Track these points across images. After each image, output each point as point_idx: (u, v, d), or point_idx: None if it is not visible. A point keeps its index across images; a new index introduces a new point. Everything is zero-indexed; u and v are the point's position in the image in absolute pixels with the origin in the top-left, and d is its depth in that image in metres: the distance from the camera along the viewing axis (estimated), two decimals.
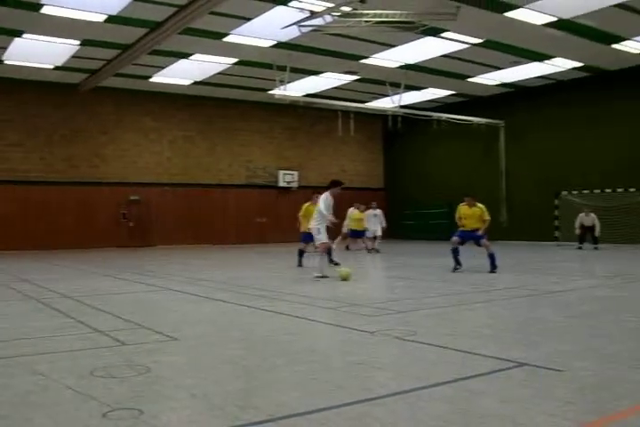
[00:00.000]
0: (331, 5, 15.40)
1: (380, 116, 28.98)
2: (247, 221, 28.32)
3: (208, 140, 27.79)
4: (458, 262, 13.15)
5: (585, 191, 22.74)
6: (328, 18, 15.88)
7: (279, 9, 16.04)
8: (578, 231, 20.97)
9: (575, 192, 23.30)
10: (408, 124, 25.87)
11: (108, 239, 24.92)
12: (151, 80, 23.86)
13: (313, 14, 15.90)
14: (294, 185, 29.29)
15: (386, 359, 5.12)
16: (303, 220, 14.90)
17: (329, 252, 13.44)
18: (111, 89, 24.76)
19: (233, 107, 28.14)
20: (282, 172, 29.16)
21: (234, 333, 6.38)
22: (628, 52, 20.49)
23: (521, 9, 16.24)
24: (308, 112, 28.99)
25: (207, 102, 27.44)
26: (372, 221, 20.73)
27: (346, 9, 15.54)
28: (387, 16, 15.45)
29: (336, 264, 13.82)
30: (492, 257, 12.78)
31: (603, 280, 11.60)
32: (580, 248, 20.75)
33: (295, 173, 29.44)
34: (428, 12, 15.68)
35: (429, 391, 4.08)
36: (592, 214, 20.73)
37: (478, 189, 26.60)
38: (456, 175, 28.29)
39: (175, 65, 21.70)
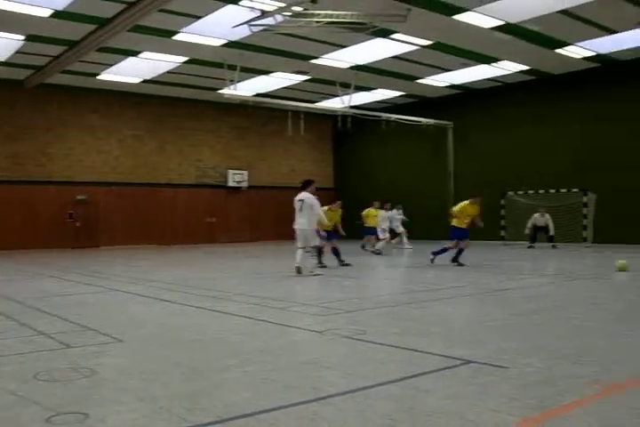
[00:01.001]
0: (282, 5, 15.37)
1: (330, 116, 29.07)
2: (196, 221, 28.06)
3: (157, 139, 27.43)
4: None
5: (530, 192, 23.23)
6: (279, 17, 15.85)
7: (230, 8, 15.93)
8: (528, 231, 21.44)
9: (521, 192, 23.77)
10: (358, 124, 26.00)
11: (54, 240, 24.35)
12: (99, 78, 23.43)
13: (264, 14, 15.84)
14: (244, 185, 29.16)
15: (335, 359, 5.14)
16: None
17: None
18: (58, 86, 24.21)
19: (183, 106, 27.85)
20: (231, 171, 28.98)
21: (182, 334, 6.32)
22: (572, 57, 21.02)
23: (469, 12, 16.48)
24: (258, 112, 28.89)
25: (157, 101, 27.08)
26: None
27: (297, 9, 15.54)
28: (337, 17, 15.49)
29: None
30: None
31: (548, 278, 11.88)
32: (531, 247, 21.21)
33: (245, 172, 29.30)
34: (379, 14, 15.78)
35: (378, 390, 4.12)
36: (547, 215, 21.23)
37: (426, 190, 27.02)
38: (405, 176, 28.57)
39: (124, 63, 21.35)
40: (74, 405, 3.85)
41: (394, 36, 18.50)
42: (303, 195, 12.65)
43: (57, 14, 16.22)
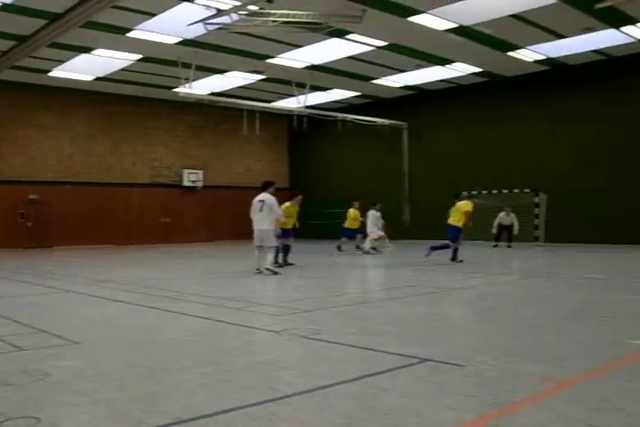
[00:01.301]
0: (237, 4, 15.32)
1: (286, 115, 29.06)
2: (151, 221, 27.74)
3: (111, 137, 27.01)
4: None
5: (484, 192, 23.57)
6: (235, 16, 15.78)
7: (185, 5, 15.80)
8: (495, 230, 21.70)
9: (475, 192, 24.09)
10: (313, 124, 26.05)
11: (5, 240, 23.74)
12: (51, 74, 22.96)
13: (219, 12, 15.75)
14: (199, 184, 28.94)
15: (292, 359, 5.15)
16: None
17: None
18: (7, 82, 23.64)
19: (137, 104, 27.49)
20: (187, 171, 28.72)
21: (138, 335, 6.25)
22: (523, 60, 21.45)
23: (424, 14, 16.67)
24: (213, 111, 28.70)
25: (110, 99, 26.65)
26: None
27: (253, 8, 15.49)
28: (293, 16, 15.49)
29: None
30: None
31: (502, 277, 12.08)
32: (495, 246, 21.50)
33: (200, 172, 29.08)
34: (334, 14, 15.84)
35: (335, 389, 4.14)
36: (512, 214, 21.49)
37: (382, 190, 27.19)
38: (360, 176, 28.72)
39: (76, 59, 20.96)
40: (26, 409, 3.77)
41: (349, 36, 18.59)
42: (263, 195, 12.78)
43: (5, 8, 15.85)
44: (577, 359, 4.91)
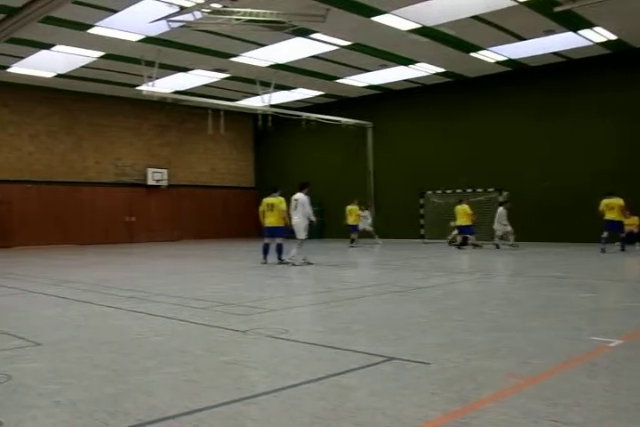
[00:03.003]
0: (201, 1, 15.21)
1: (251, 114, 28.99)
2: (115, 221, 27.42)
3: (73, 135, 26.62)
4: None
5: (448, 191, 23.78)
6: (198, 14, 15.67)
7: (147, 2, 15.63)
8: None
9: (439, 192, 24.33)
10: (278, 123, 26.02)
11: None
12: (9, 70, 22.51)
13: (182, 9, 15.64)
14: (164, 183, 28.70)
15: (258, 358, 5.13)
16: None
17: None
18: None
19: (100, 102, 27.13)
20: (151, 170, 28.46)
21: (102, 336, 6.18)
22: (485, 61, 21.71)
23: (387, 14, 16.76)
24: (177, 109, 28.50)
25: (72, 96, 26.26)
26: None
27: (216, 6, 15.40)
28: (257, 15, 15.45)
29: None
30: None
31: (465, 276, 12.21)
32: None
33: (164, 171, 28.84)
34: (298, 13, 15.84)
35: (302, 389, 4.14)
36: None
37: (347, 189, 27.27)
38: (325, 175, 28.76)
39: (36, 55, 20.58)
40: None
41: (313, 35, 18.61)
42: (298, 195, 14.54)
43: None
44: (540, 356, 4.99)
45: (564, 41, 19.32)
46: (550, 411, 3.57)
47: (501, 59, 21.46)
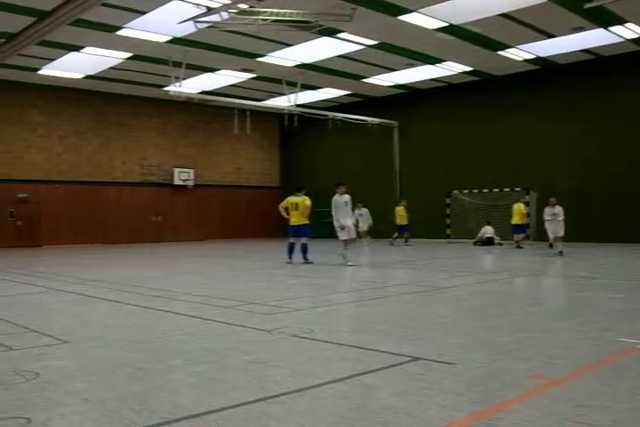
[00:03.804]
0: (227, 2, 15.29)
1: (277, 114, 29.05)
2: (142, 220, 27.67)
3: (101, 136, 26.92)
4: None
5: (475, 190, 23.64)
6: (225, 15, 15.75)
7: (175, 4, 15.75)
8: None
9: (466, 191, 24.19)
10: (304, 123, 26.06)
11: None
12: (40, 72, 22.83)
13: (209, 10, 15.72)
14: (190, 183, 28.89)
15: (283, 357, 5.14)
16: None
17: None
18: None
19: (127, 102, 27.40)
20: (177, 170, 28.68)
21: (128, 334, 6.23)
22: (513, 59, 21.52)
23: (414, 13, 16.69)
24: (203, 110, 28.66)
25: (100, 97, 26.57)
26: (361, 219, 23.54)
27: (243, 6, 15.46)
28: (283, 15, 15.48)
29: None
30: None
31: (491, 276, 12.11)
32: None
33: (191, 170, 29.03)
34: (325, 13, 15.85)
35: (326, 388, 4.14)
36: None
37: (373, 188, 27.23)
38: (351, 174, 28.66)
39: (66, 57, 20.87)
40: (15, 409, 3.75)
41: (340, 35, 18.60)
42: (347, 196, 14.81)
43: None
44: (566, 357, 4.93)
45: (594, 38, 19.06)
46: (576, 413, 3.52)
47: (529, 57, 21.25)
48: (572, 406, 3.64)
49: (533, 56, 21.18)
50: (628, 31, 18.44)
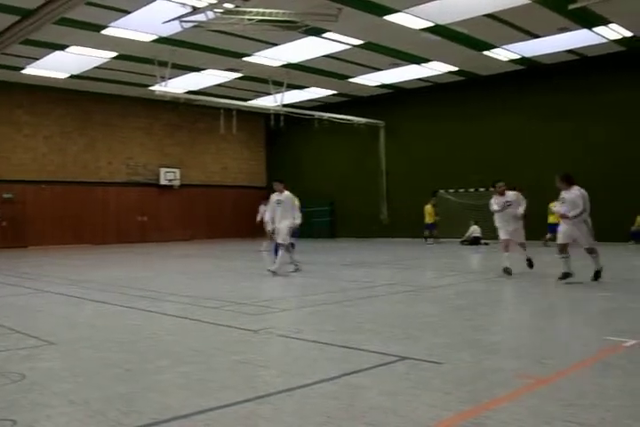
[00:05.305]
0: (213, 1, 15.24)
1: (263, 114, 29.02)
2: (128, 220, 27.52)
3: (86, 136, 26.74)
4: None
5: (461, 190, 23.72)
6: (210, 14, 15.69)
7: (160, 3, 15.66)
8: None
9: (452, 190, 24.26)
10: (290, 122, 26.02)
11: None
12: (24, 72, 22.64)
13: (195, 10, 15.67)
14: (176, 183, 28.77)
15: (270, 357, 5.15)
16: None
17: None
18: None
19: (112, 102, 27.23)
20: (163, 169, 28.54)
21: (115, 335, 6.20)
22: (498, 59, 21.61)
23: (400, 13, 16.70)
24: (189, 109, 28.56)
25: (85, 97, 26.38)
26: None
27: (228, 6, 15.42)
28: (269, 15, 15.45)
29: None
30: None
31: (478, 275, 12.16)
32: None
33: (177, 170, 28.91)
34: (310, 13, 15.82)
35: (314, 388, 4.14)
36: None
37: (359, 188, 27.26)
38: (338, 174, 28.75)
39: (50, 57, 20.70)
40: (1, 411, 3.73)
41: (326, 35, 18.58)
42: (283, 195, 12.69)
43: None
44: (554, 356, 4.96)
45: (579, 38, 19.14)
46: (564, 411, 3.55)
47: (515, 57, 21.33)
48: (561, 405, 3.66)
49: (519, 56, 21.27)
50: (611, 32, 18.55)
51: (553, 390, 4.03)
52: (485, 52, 20.73)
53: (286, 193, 12.67)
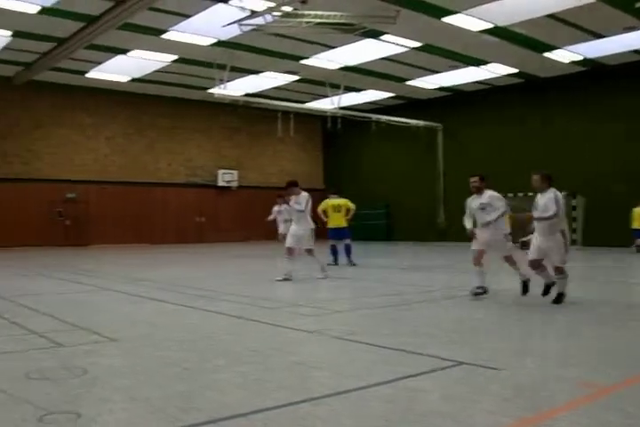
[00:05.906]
0: (272, 5, 15.38)
1: (320, 116, 29.10)
2: (186, 221, 27.98)
3: (146, 137, 27.34)
4: None
5: (520, 194, 23.28)
6: (269, 17, 15.84)
7: (220, 7, 15.92)
8: None
9: (511, 194, 23.84)
10: (347, 125, 26.05)
11: (43, 238, 24.12)
12: (88, 75, 23.32)
13: (254, 13, 15.84)
14: (234, 185, 29.12)
15: (326, 359, 5.14)
16: None
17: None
18: (47, 83, 24.06)
19: (172, 105, 27.76)
20: (221, 171, 28.95)
21: (174, 333, 6.30)
22: (559, 61, 21.15)
23: (458, 14, 16.55)
24: (247, 112, 28.86)
25: (146, 100, 26.98)
26: None
27: (287, 9, 15.54)
28: (327, 17, 15.50)
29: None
30: None
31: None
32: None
33: (235, 172, 29.26)
34: (368, 15, 15.81)
35: (371, 391, 4.12)
36: None
37: (417, 191, 27.07)
38: (394, 177, 28.61)
39: (113, 61, 21.27)
40: (66, 404, 3.83)
41: (383, 37, 18.55)
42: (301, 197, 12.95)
43: (45, 11, 16.15)
44: (615, 365, 4.82)
45: None
46: (625, 422, 3.45)
47: (577, 58, 20.85)
48: (622, 416, 3.55)
49: (581, 57, 20.78)
50: None
51: (614, 400, 3.91)
52: (546, 54, 20.33)
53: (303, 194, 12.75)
